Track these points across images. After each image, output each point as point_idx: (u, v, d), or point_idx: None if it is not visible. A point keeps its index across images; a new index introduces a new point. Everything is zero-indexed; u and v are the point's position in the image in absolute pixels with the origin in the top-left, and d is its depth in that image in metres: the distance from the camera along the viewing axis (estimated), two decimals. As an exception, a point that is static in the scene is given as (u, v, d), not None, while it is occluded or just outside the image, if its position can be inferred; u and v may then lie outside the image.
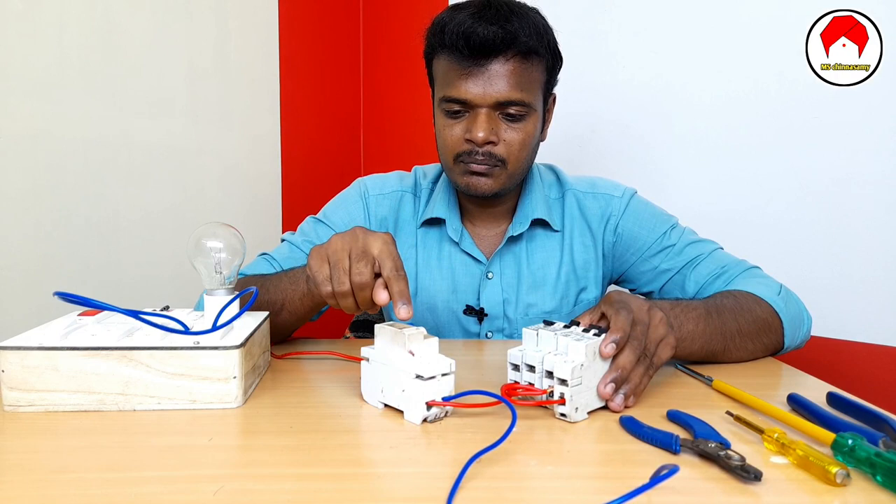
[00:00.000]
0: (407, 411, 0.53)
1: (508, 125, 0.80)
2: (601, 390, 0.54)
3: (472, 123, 0.79)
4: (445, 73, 0.81)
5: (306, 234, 0.92)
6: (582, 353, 0.53)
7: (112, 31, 1.24)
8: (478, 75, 0.77)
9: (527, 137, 0.81)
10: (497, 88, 0.77)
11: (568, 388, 0.52)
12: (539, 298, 0.90)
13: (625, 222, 0.90)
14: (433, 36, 0.82)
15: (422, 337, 0.54)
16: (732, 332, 0.71)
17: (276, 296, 0.74)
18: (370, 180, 0.96)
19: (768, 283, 0.79)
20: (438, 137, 0.85)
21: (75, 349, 0.54)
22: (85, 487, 0.41)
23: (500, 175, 0.82)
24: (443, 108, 0.82)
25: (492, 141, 0.80)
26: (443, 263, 0.92)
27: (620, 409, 0.55)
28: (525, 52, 0.78)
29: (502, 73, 0.77)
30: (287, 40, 1.67)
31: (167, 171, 1.37)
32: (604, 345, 0.54)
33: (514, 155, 0.81)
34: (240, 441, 0.51)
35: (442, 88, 0.82)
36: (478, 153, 0.80)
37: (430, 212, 0.92)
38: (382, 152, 1.97)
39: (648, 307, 0.60)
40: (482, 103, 0.78)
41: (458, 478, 0.41)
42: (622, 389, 0.55)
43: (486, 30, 0.75)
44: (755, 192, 1.25)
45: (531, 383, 0.56)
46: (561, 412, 0.53)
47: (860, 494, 0.41)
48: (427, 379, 0.52)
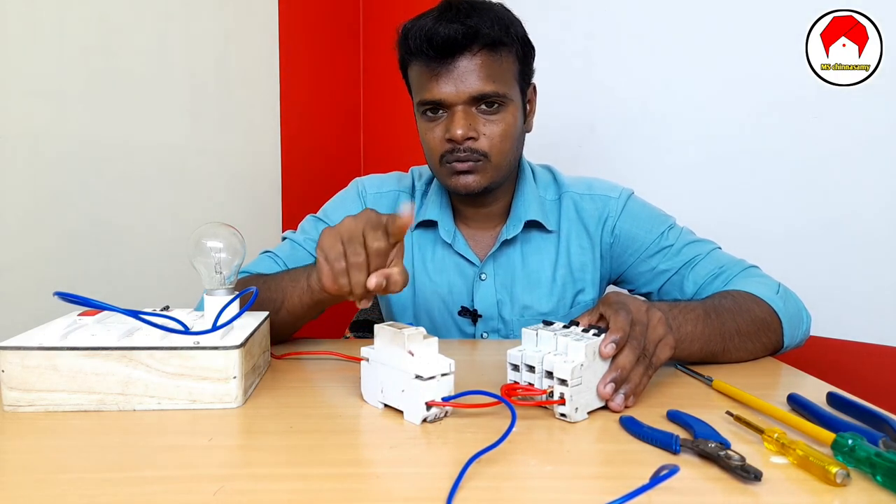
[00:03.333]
0: (406, 411, 0.53)
1: (486, 119, 0.81)
2: (601, 390, 0.54)
3: (450, 122, 0.80)
4: (418, 79, 0.83)
5: (307, 232, 0.93)
6: (582, 353, 0.53)
7: (112, 31, 1.24)
8: (447, 74, 0.79)
9: (507, 128, 0.82)
10: (468, 84, 0.78)
11: (568, 388, 0.52)
12: (535, 300, 0.90)
13: (622, 223, 0.90)
14: (401, 45, 0.83)
15: (421, 337, 0.54)
16: (731, 333, 0.71)
17: (276, 294, 0.75)
18: (367, 180, 0.97)
19: (767, 283, 0.79)
20: (423, 143, 0.86)
21: (75, 349, 0.54)
22: (85, 487, 0.41)
23: (485, 170, 0.83)
24: (421, 113, 0.84)
25: (471, 136, 0.80)
26: (437, 265, 0.92)
27: (620, 409, 0.55)
28: (491, 45, 0.78)
29: (471, 69, 0.78)
30: (287, 40, 1.67)
31: (167, 172, 1.37)
32: (603, 345, 0.55)
33: (496, 147, 0.82)
34: (240, 441, 0.51)
35: (417, 94, 0.84)
36: (460, 150, 0.81)
37: (422, 214, 0.92)
38: (382, 152, 1.97)
39: (647, 308, 0.60)
40: (456, 101, 0.79)
41: (457, 478, 0.41)
42: (622, 389, 0.55)
43: (447, 28, 0.76)
44: (755, 192, 1.25)
45: (531, 383, 0.56)
46: (561, 412, 0.53)
47: (860, 494, 0.41)
48: (427, 379, 0.52)
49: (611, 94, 1.42)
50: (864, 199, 1.14)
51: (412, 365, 0.52)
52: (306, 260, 0.88)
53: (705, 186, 1.30)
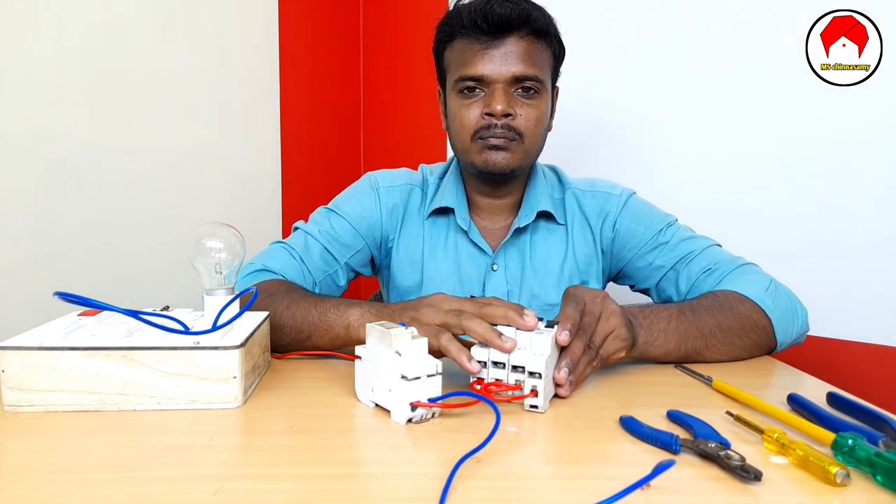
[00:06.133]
0: (393, 411, 0.53)
1: (524, 101, 0.84)
2: (557, 376, 0.57)
3: (491, 98, 0.82)
4: (461, 55, 0.84)
5: (320, 224, 0.92)
6: (548, 346, 0.56)
7: (112, 30, 1.24)
8: (494, 52, 0.82)
9: (540, 115, 0.85)
10: (513, 64, 0.82)
11: (541, 380, 0.55)
12: (543, 290, 0.92)
13: (622, 219, 0.92)
14: (449, 21, 0.86)
15: (409, 337, 0.53)
16: (712, 329, 0.71)
17: (302, 326, 0.73)
18: (379, 174, 0.98)
19: (757, 280, 0.79)
20: (454, 121, 0.87)
21: (75, 349, 0.54)
22: (85, 487, 0.41)
23: (517, 150, 0.85)
24: (459, 89, 0.85)
25: (509, 114, 0.82)
26: (448, 254, 0.93)
27: (567, 396, 0.59)
28: (537, 32, 0.83)
29: (517, 51, 0.82)
30: (287, 40, 1.67)
31: (167, 171, 1.37)
32: (559, 333, 0.58)
33: (530, 130, 0.84)
34: (240, 441, 0.51)
35: (458, 70, 0.85)
36: (497, 126, 0.83)
37: (438, 201, 0.93)
38: (382, 152, 1.97)
39: (603, 301, 0.64)
40: (499, 79, 0.82)
41: (448, 479, 0.41)
42: (570, 377, 0.58)
43: (502, 7, 0.80)
44: (755, 191, 1.25)
45: (499, 379, 0.57)
46: (532, 404, 0.55)
47: (860, 494, 0.41)
48: (411, 380, 0.51)
49: (611, 94, 1.42)
50: (864, 199, 1.14)
51: (398, 365, 0.52)
52: (321, 254, 0.89)
53: (705, 186, 1.30)
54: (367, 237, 0.93)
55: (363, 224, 0.92)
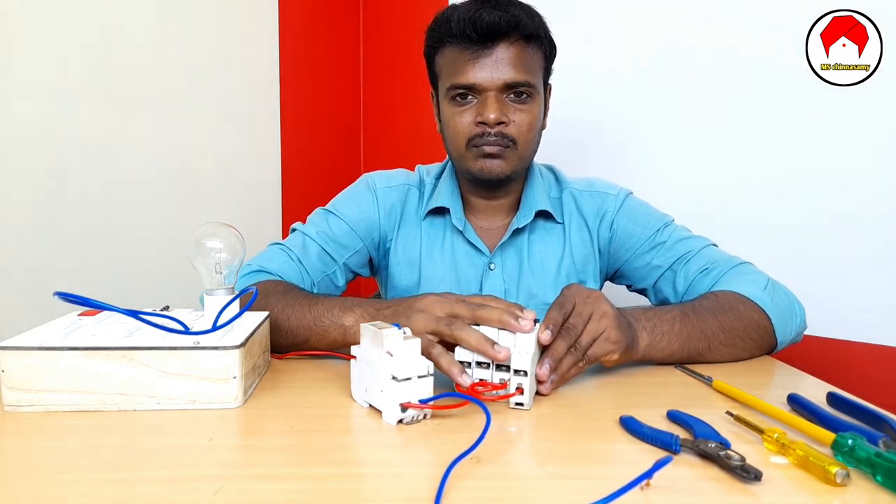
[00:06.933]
0: (384, 412, 0.53)
1: (516, 107, 0.83)
2: (539, 372, 0.58)
3: (483, 107, 0.82)
4: (452, 63, 0.84)
5: (318, 225, 0.92)
6: (533, 344, 0.56)
7: (112, 30, 1.24)
8: (485, 60, 0.81)
9: (533, 119, 0.85)
10: (503, 71, 0.81)
11: (526, 377, 0.55)
12: (540, 289, 0.92)
13: (619, 219, 0.92)
14: (438, 28, 0.85)
15: (401, 338, 0.53)
16: (715, 330, 0.71)
17: (298, 329, 0.73)
18: (376, 175, 0.98)
19: (754, 280, 0.79)
20: (448, 128, 0.87)
21: (75, 349, 0.54)
22: (85, 487, 0.41)
23: (511, 157, 0.85)
24: (450, 97, 0.85)
25: (503, 121, 0.82)
26: (445, 254, 0.93)
27: (548, 393, 0.59)
28: (527, 37, 0.82)
29: (508, 57, 0.81)
30: (287, 40, 1.67)
31: (167, 172, 1.37)
32: (540, 332, 0.58)
33: (523, 136, 0.84)
34: (240, 441, 0.51)
35: (449, 78, 0.84)
36: (490, 134, 0.83)
37: (434, 201, 0.93)
38: (382, 152, 1.97)
39: (595, 299, 0.63)
40: (490, 87, 0.81)
41: (441, 480, 0.41)
42: (552, 375, 0.58)
43: (491, 15, 0.79)
44: (755, 192, 1.25)
45: (483, 379, 0.57)
46: (517, 401, 0.56)
47: (860, 494, 0.41)
48: (402, 380, 0.51)
49: (609, 93, 1.42)
50: (864, 199, 1.14)
51: (389, 365, 0.52)
52: (318, 255, 0.89)
53: (704, 186, 1.30)
54: (365, 238, 0.93)
55: (361, 225, 0.92)
